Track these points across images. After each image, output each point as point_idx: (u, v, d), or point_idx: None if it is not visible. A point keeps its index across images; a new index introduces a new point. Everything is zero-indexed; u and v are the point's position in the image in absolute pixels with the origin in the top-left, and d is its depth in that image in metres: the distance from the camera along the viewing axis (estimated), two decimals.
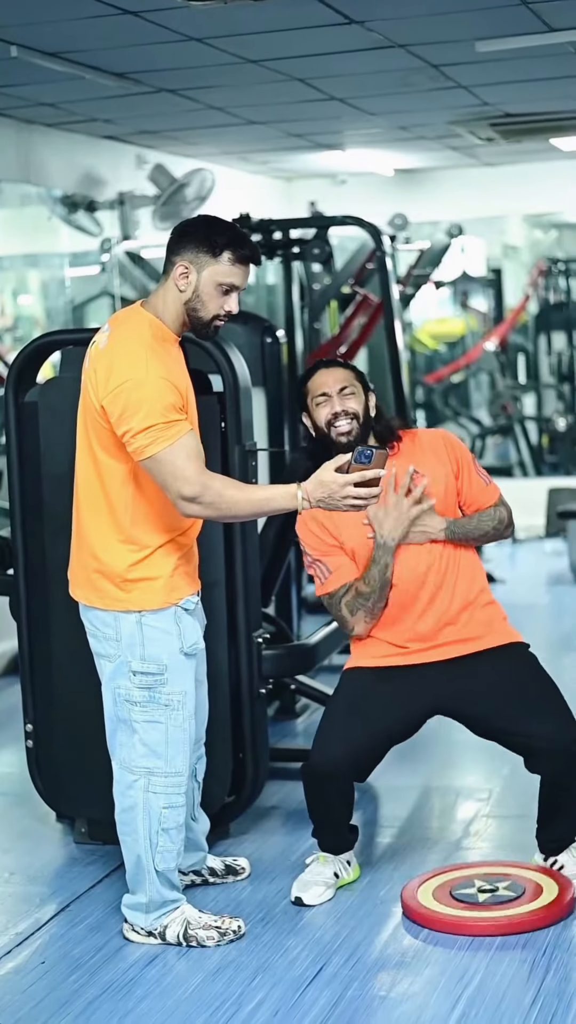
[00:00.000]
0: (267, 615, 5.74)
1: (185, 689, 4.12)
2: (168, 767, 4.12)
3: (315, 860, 4.58)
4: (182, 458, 3.84)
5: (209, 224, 4.03)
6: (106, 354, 3.97)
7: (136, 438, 3.85)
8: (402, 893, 4.38)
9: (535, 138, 10.01)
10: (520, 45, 6.75)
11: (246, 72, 7.20)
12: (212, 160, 10.43)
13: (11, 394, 4.94)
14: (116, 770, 4.20)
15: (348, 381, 4.40)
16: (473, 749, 6.10)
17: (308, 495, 3.89)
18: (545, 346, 13.51)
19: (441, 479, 4.46)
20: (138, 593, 4.04)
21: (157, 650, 4.06)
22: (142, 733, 4.10)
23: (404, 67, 7.29)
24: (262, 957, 4.07)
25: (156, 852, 4.14)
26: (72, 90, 7.48)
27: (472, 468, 4.53)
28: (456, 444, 4.55)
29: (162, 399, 3.84)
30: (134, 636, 4.05)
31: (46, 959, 4.16)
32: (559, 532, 11.02)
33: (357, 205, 10.50)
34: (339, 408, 4.36)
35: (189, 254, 3.97)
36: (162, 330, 4.00)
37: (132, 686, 4.08)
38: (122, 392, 3.86)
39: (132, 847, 4.18)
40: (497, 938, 4.08)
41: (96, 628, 4.13)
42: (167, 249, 4.03)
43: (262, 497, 3.97)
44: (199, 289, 3.99)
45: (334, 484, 3.87)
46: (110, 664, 4.11)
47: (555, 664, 7.47)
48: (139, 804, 4.13)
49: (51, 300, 9.99)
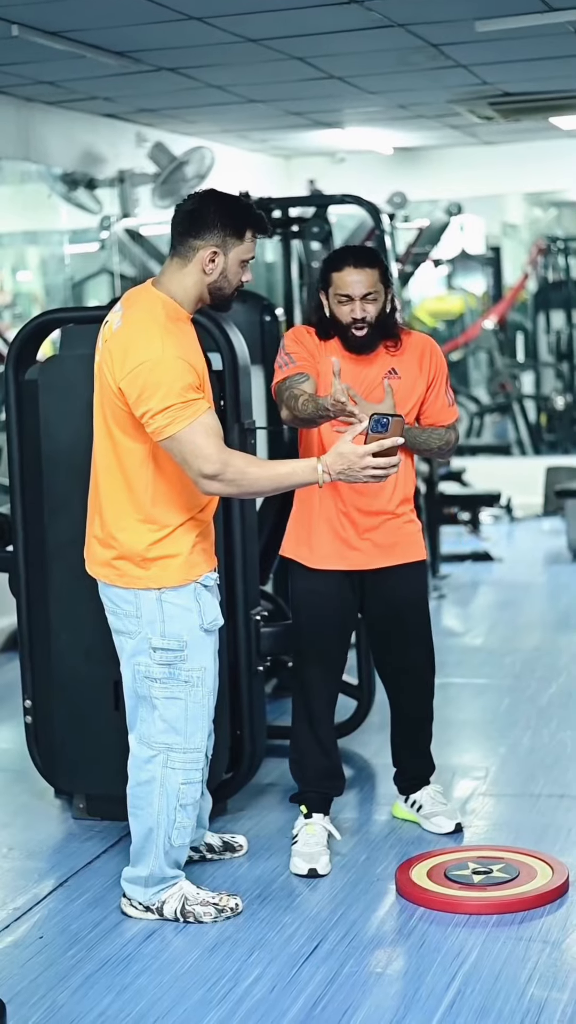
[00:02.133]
0: (265, 592, 5.76)
1: (205, 665, 4.14)
2: (187, 743, 4.15)
3: (302, 830, 4.64)
4: (202, 436, 3.85)
5: (225, 205, 4.02)
6: (121, 335, 3.97)
7: (155, 418, 3.86)
8: (396, 874, 4.41)
9: (534, 117, 9.99)
10: (520, 25, 6.75)
11: (246, 51, 7.20)
12: (211, 138, 10.42)
13: (11, 372, 4.95)
14: (134, 744, 4.21)
15: (373, 286, 4.45)
16: (470, 727, 6.16)
17: (328, 468, 3.89)
18: (544, 325, 13.51)
19: (416, 386, 4.55)
20: (158, 570, 4.05)
21: (177, 627, 4.08)
22: (162, 709, 4.13)
23: (404, 46, 7.28)
24: (259, 933, 4.10)
25: (174, 828, 4.17)
26: (72, 68, 7.48)
27: (443, 385, 4.61)
28: (438, 356, 4.63)
29: (180, 379, 3.85)
30: (154, 613, 4.07)
31: (44, 934, 4.19)
32: (557, 511, 11.04)
33: (356, 183, 10.49)
34: (359, 314, 4.44)
35: (215, 239, 3.98)
36: (176, 310, 4.00)
37: (152, 663, 4.10)
38: (139, 374, 3.87)
39: (144, 820, 4.20)
40: (492, 917, 4.12)
41: (116, 605, 4.14)
42: (182, 232, 4.01)
43: (282, 472, 3.97)
44: (227, 271, 4.02)
45: (353, 455, 3.86)
46: (131, 641, 4.13)
47: (552, 643, 7.55)
48: (157, 779, 4.15)
49: (50, 277, 9.99)
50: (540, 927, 4.06)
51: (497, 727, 6.11)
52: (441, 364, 4.63)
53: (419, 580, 4.77)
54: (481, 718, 6.31)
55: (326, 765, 4.74)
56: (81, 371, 4.68)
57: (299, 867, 4.51)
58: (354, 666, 5.64)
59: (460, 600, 8.77)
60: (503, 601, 8.87)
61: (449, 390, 4.64)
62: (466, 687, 6.72)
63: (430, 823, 4.81)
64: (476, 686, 6.75)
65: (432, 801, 4.86)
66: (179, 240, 4.02)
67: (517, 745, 5.80)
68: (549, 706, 6.30)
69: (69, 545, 4.83)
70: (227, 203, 4.04)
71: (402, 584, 4.68)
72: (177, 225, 4.03)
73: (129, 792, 4.25)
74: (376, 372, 4.52)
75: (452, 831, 4.76)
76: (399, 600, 4.70)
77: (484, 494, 10.67)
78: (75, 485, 4.82)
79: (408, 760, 4.92)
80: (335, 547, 4.60)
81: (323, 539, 4.61)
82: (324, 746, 4.72)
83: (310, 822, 4.66)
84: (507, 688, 6.66)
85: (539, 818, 4.94)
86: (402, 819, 4.93)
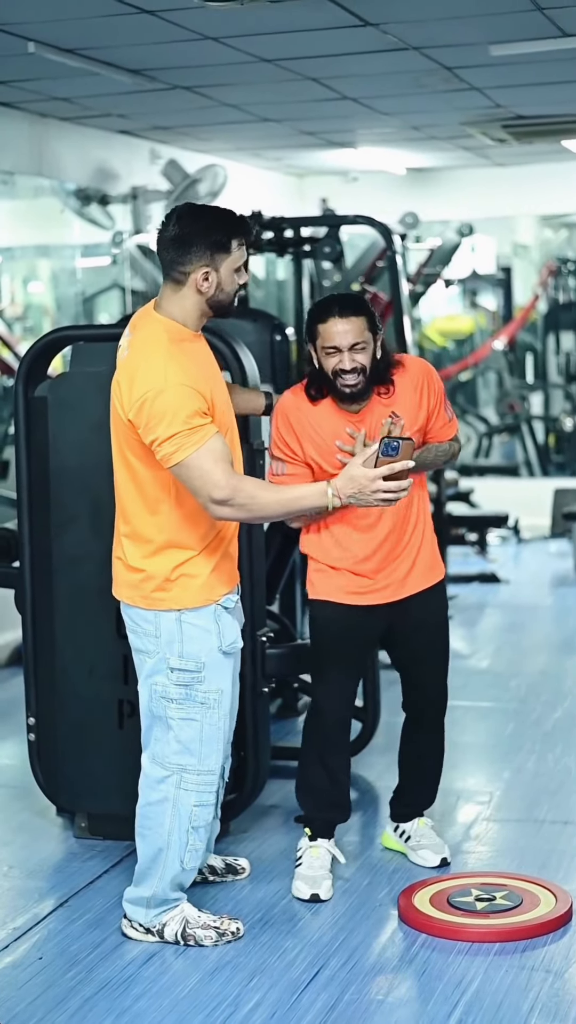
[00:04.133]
0: (271, 613, 5.75)
1: (222, 688, 4.13)
2: (201, 765, 4.14)
3: (306, 852, 4.61)
4: (209, 462, 3.85)
5: (205, 222, 4.00)
6: (127, 365, 3.98)
7: (163, 446, 3.86)
8: (399, 899, 4.39)
9: (547, 140, 10.01)
10: (534, 49, 6.75)
11: (261, 71, 7.21)
12: (225, 156, 10.43)
13: (21, 388, 4.95)
14: (146, 764, 4.20)
15: (361, 336, 4.29)
16: (475, 751, 6.14)
17: (338, 492, 3.91)
18: (553, 346, 13.51)
19: (417, 419, 4.46)
20: (179, 591, 4.05)
21: (196, 648, 4.08)
22: (177, 730, 4.12)
23: (418, 69, 7.29)
24: (260, 958, 4.08)
25: (186, 851, 4.16)
26: (87, 85, 7.49)
27: (443, 405, 4.56)
28: (436, 382, 4.54)
29: (184, 406, 3.85)
30: (173, 633, 4.07)
31: (44, 955, 4.18)
32: (564, 533, 11.03)
33: (368, 203, 10.51)
34: (348, 365, 4.30)
35: (204, 259, 3.97)
36: (179, 331, 4.00)
37: (169, 683, 4.09)
38: (144, 403, 3.87)
39: (152, 841, 4.18)
40: (495, 945, 4.10)
41: (136, 624, 4.14)
42: (170, 259, 3.99)
43: (292, 496, 3.99)
44: (221, 283, 4.01)
45: (364, 479, 3.88)
46: (149, 660, 4.12)
47: (558, 666, 7.53)
48: (169, 800, 4.14)
49: (62, 290, 10.01)
50: (543, 956, 4.05)
51: (502, 751, 6.09)
52: (438, 387, 4.53)
53: (440, 601, 4.70)
54: (486, 742, 6.29)
55: (333, 795, 4.67)
56: (90, 388, 4.69)
57: (302, 891, 4.49)
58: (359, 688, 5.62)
59: (466, 621, 8.75)
60: (509, 623, 8.86)
61: (448, 405, 4.59)
62: (471, 710, 6.70)
63: (416, 855, 4.76)
64: (481, 709, 6.73)
65: (419, 834, 4.79)
66: (169, 266, 4.02)
67: (521, 770, 5.78)
68: (554, 730, 6.29)
69: (75, 562, 4.84)
70: (206, 219, 4.01)
71: (423, 608, 4.61)
72: (163, 252, 4.02)
73: (139, 812, 4.23)
74: (376, 421, 4.38)
75: (437, 866, 4.69)
76: (422, 625, 4.64)
77: (492, 515, 10.65)
78: (82, 502, 4.83)
79: (411, 786, 4.86)
80: (356, 582, 4.53)
81: (345, 579, 4.54)
82: (333, 775, 4.64)
83: (314, 845, 4.62)
84: (512, 712, 6.64)
85: (543, 844, 4.93)
86: (390, 849, 4.89)
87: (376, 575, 4.50)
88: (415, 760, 4.84)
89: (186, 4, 5.64)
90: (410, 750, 4.85)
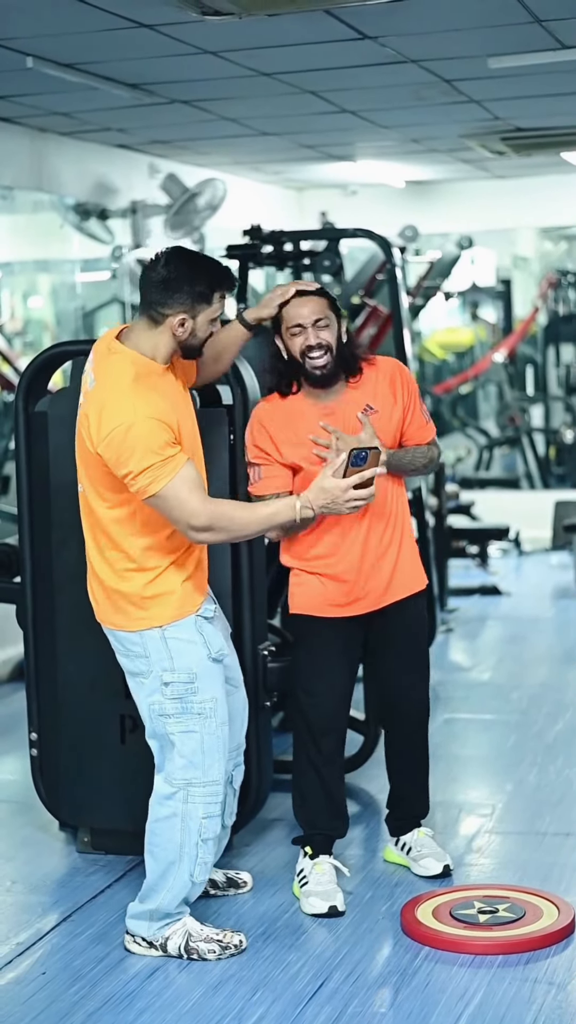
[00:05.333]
0: (272, 626, 5.75)
1: (215, 696, 4.17)
2: (205, 776, 4.16)
3: (311, 870, 4.59)
4: (185, 491, 3.92)
5: (194, 272, 4.04)
6: (94, 398, 4.03)
7: (137, 480, 3.92)
8: (402, 912, 4.38)
9: (546, 152, 10.01)
10: (533, 62, 6.76)
11: (260, 85, 7.22)
12: (224, 170, 10.45)
13: (21, 403, 4.96)
14: (158, 782, 4.24)
15: (323, 312, 4.44)
16: (476, 763, 6.14)
17: (310, 503, 4.03)
18: (554, 358, 13.51)
19: (393, 415, 4.53)
20: (157, 609, 4.11)
21: (185, 660, 4.12)
22: (179, 745, 4.15)
23: (417, 82, 7.30)
24: (263, 972, 4.08)
25: (196, 864, 4.17)
26: (86, 100, 7.50)
27: (418, 405, 4.61)
28: (409, 380, 4.62)
29: (154, 439, 3.90)
30: (161, 651, 4.12)
31: (47, 970, 4.17)
32: (565, 545, 11.02)
33: (368, 216, 10.52)
34: (313, 341, 4.41)
35: (185, 306, 4.02)
36: (147, 365, 4.05)
37: (164, 699, 4.13)
38: (114, 438, 3.92)
39: (162, 857, 4.19)
40: (498, 957, 4.09)
41: (125, 647, 4.19)
42: (152, 300, 4.03)
43: (267, 513, 4.10)
44: (196, 330, 4.08)
45: (336, 490, 4.01)
46: (144, 681, 4.17)
47: (559, 678, 7.53)
48: (178, 815, 4.16)
49: (61, 304, 10.02)
50: (546, 968, 4.04)
51: (503, 763, 6.09)
52: (412, 386, 4.62)
53: (418, 611, 4.71)
54: (488, 754, 6.29)
55: (329, 807, 4.67)
56: None
57: (318, 906, 4.46)
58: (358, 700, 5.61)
59: (467, 634, 8.74)
60: (511, 635, 8.85)
61: (424, 408, 4.65)
62: (473, 722, 6.69)
63: (419, 865, 4.75)
64: (483, 721, 6.72)
65: (420, 844, 4.78)
66: (149, 304, 4.06)
67: (523, 782, 5.77)
68: (556, 743, 6.28)
69: (76, 577, 4.82)
70: (196, 269, 4.06)
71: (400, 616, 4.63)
72: (147, 290, 4.06)
73: (148, 828, 4.24)
74: (350, 412, 4.48)
75: (439, 874, 4.68)
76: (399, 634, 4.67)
77: (493, 528, 10.64)
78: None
79: (401, 796, 4.85)
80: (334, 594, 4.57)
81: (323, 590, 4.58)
82: (327, 787, 4.65)
83: (318, 862, 4.61)
84: (514, 724, 6.63)
85: (545, 857, 4.92)
86: (393, 863, 4.88)
87: (358, 579, 4.52)
88: (400, 770, 4.84)
89: (185, 18, 5.65)
90: (395, 762, 4.85)
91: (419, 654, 4.75)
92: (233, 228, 8.36)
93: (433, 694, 6.94)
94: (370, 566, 4.53)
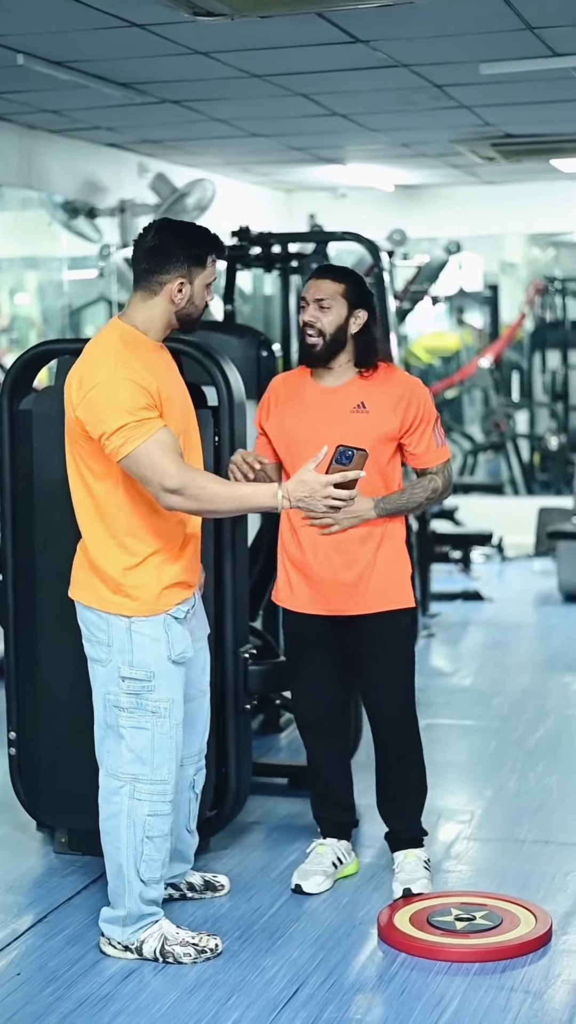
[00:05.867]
0: (254, 629, 5.74)
1: (172, 697, 4.14)
2: (153, 774, 4.14)
3: (314, 848, 4.70)
4: (158, 453, 3.90)
5: (185, 236, 4.11)
6: (77, 366, 4.07)
7: (111, 439, 3.92)
8: (379, 918, 4.38)
9: (535, 158, 10.03)
10: (524, 69, 6.78)
11: (251, 86, 7.22)
12: (213, 170, 10.44)
13: (6, 402, 4.94)
14: (102, 777, 4.21)
15: (329, 294, 4.47)
16: (456, 769, 6.13)
17: (288, 494, 3.97)
18: (540, 364, 13.53)
19: (384, 424, 4.47)
20: (128, 600, 4.08)
21: (145, 657, 4.09)
22: (129, 739, 4.12)
23: (408, 86, 7.31)
24: (238, 976, 4.06)
25: (141, 861, 4.15)
26: (76, 98, 7.49)
27: (429, 427, 4.53)
28: (421, 401, 4.53)
29: (130, 399, 3.91)
30: (124, 642, 4.09)
31: (21, 971, 4.15)
32: (548, 552, 11.03)
33: (356, 219, 10.54)
34: (310, 318, 4.47)
35: (181, 270, 4.06)
36: (135, 336, 4.05)
37: (120, 692, 4.11)
38: (92, 398, 3.94)
39: (114, 856, 4.18)
40: (475, 964, 4.09)
41: (90, 632, 4.17)
42: (146, 268, 4.07)
43: (245, 492, 4.05)
44: (194, 296, 4.10)
45: (315, 484, 3.95)
46: (102, 668, 4.15)
47: (541, 685, 7.53)
48: (124, 811, 4.14)
49: (48, 301, 10.00)
50: (522, 976, 4.03)
51: (483, 770, 6.09)
52: (426, 408, 4.53)
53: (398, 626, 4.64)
54: (468, 760, 6.29)
55: (329, 797, 4.80)
56: None
57: (293, 881, 4.64)
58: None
59: (449, 639, 8.75)
60: (493, 641, 8.85)
61: (439, 430, 4.57)
62: (454, 728, 6.69)
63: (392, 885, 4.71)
64: (463, 727, 6.72)
65: (401, 866, 4.68)
66: (143, 275, 4.09)
67: (503, 789, 5.77)
68: (536, 749, 6.28)
69: (58, 577, 4.80)
70: (186, 233, 4.12)
71: (378, 632, 4.59)
72: (140, 261, 4.10)
73: (101, 828, 4.24)
74: (344, 401, 4.49)
75: (399, 897, 4.56)
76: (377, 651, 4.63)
77: (476, 533, 10.65)
78: (67, 517, 4.78)
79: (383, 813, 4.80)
80: (313, 593, 4.58)
81: (302, 584, 4.60)
82: (325, 779, 4.78)
83: (322, 843, 4.74)
84: (495, 730, 6.63)
85: (524, 864, 4.92)
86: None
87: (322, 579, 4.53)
88: (381, 785, 4.79)
89: (177, 18, 5.65)
90: (377, 775, 4.80)
91: (394, 672, 4.66)
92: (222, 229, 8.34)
93: None
94: (337, 570, 4.51)
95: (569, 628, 9.00)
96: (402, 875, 4.65)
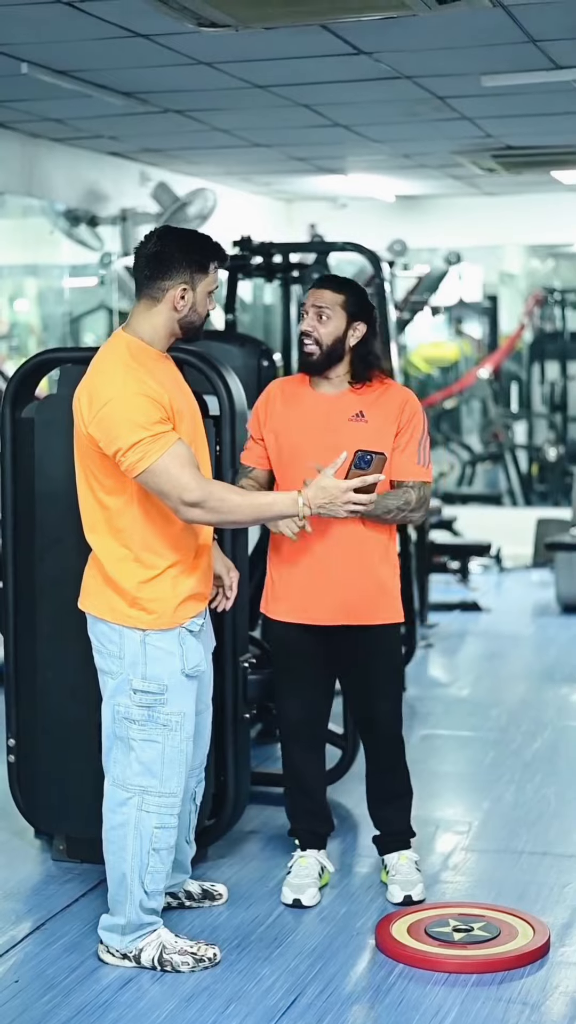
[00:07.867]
0: (253, 638, 5.74)
1: (184, 710, 4.14)
2: (163, 787, 4.13)
3: (296, 861, 4.68)
4: (176, 466, 3.88)
5: (187, 242, 4.10)
6: (86, 380, 4.05)
7: (127, 455, 3.89)
8: (376, 928, 4.38)
9: (536, 170, 10.06)
10: (526, 81, 6.80)
11: (253, 96, 7.24)
12: (215, 180, 10.46)
13: (7, 409, 4.95)
14: (108, 787, 4.21)
15: (327, 304, 4.48)
16: (454, 780, 6.13)
17: (309, 501, 3.97)
18: (538, 375, 13.55)
19: (383, 433, 4.48)
20: (144, 613, 4.06)
21: (159, 670, 4.08)
22: (139, 751, 4.12)
23: (410, 98, 7.33)
24: (236, 985, 4.06)
25: (146, 872, 4.15)
26: (79, 107, 7.51)
27: (415, 439, 4.51)
28: (413, 410, 4.55)
29: (143, 414, 3.89)
30: (137, 655, 4.08)
31: (19, 978, 4.15)
32: (546, 563, 11.04)
33: (357, 229, 10.55)
34: (307, 327, 4.48)
35: (183, 277, 4.05)
36: (142, 348, 4.05)
37: (132, 704, 4.10)
38: (105, 415, 3.92)
39: (117, 865, 4.18)
40: (472, 976, 4.09)
41: (101, 644, 4.15)
42: (149, 275, 4.06)
43: (264, 502, 4.05)
44: (196, 304, 4.08)
45: (335, 490, 3.96)
46: (112, 681, 4.13)
47: (538, 696, 7.54)
48: (131, 822, 4.14)
49: (48, 308, 10.01)
50: (520, 988, 4.03)
51: (481, 781, 6.09)
52: (416, 418, 4.53)
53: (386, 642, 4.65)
54: (465, 771, 6.29)
55: (310, 808, 4.78)
56: None
57: (286, 897, 4.59)
58: (339, 713, 5.60)
59: (447, 650, 8.75)
60: (490, 652, 8.86)
61: (425, 448, 4.52)
62: (451, 739, 6.70)
63: (388, 891, 4.71)
64: (461, 738, 6.73)
65: (396, 868, 4.73)
66: (146, 283, 4.08)
67: (501, 800, 5.78)
68: (534, 760, 6.28)
69: (58, 584, 4.82)
70: (188, 240, 4.12)
71: (368, 645, 4.60)
72: (142, 268, 4.09)
73: (104, 837, 4.23)
74: (341, 411, 4.49)
75: (400, 902, 4.62)
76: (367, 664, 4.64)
77: (474, 544, 10.67)
78: (67, 524, 4.81)
79: (374, 814, 4.83)
80: (296, 601, 4.58)
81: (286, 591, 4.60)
82: (306, 790, 4.76)
83: (303, 855, 4.72)
84: (492, 741, 6.64)
85: (521, 875, 4.92)
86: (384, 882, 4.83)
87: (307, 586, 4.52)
88: (373, 791, 4.82)
89: (180, 29, 5.66)
90: (368, 781, 4.84)
91: (383, 685, 4.68)
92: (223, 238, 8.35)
93: (411, 710, 6.99)
94: (324, 577, 4.51)
95: (567, 639, 9.01)
96: (399, 877, 4.68)
